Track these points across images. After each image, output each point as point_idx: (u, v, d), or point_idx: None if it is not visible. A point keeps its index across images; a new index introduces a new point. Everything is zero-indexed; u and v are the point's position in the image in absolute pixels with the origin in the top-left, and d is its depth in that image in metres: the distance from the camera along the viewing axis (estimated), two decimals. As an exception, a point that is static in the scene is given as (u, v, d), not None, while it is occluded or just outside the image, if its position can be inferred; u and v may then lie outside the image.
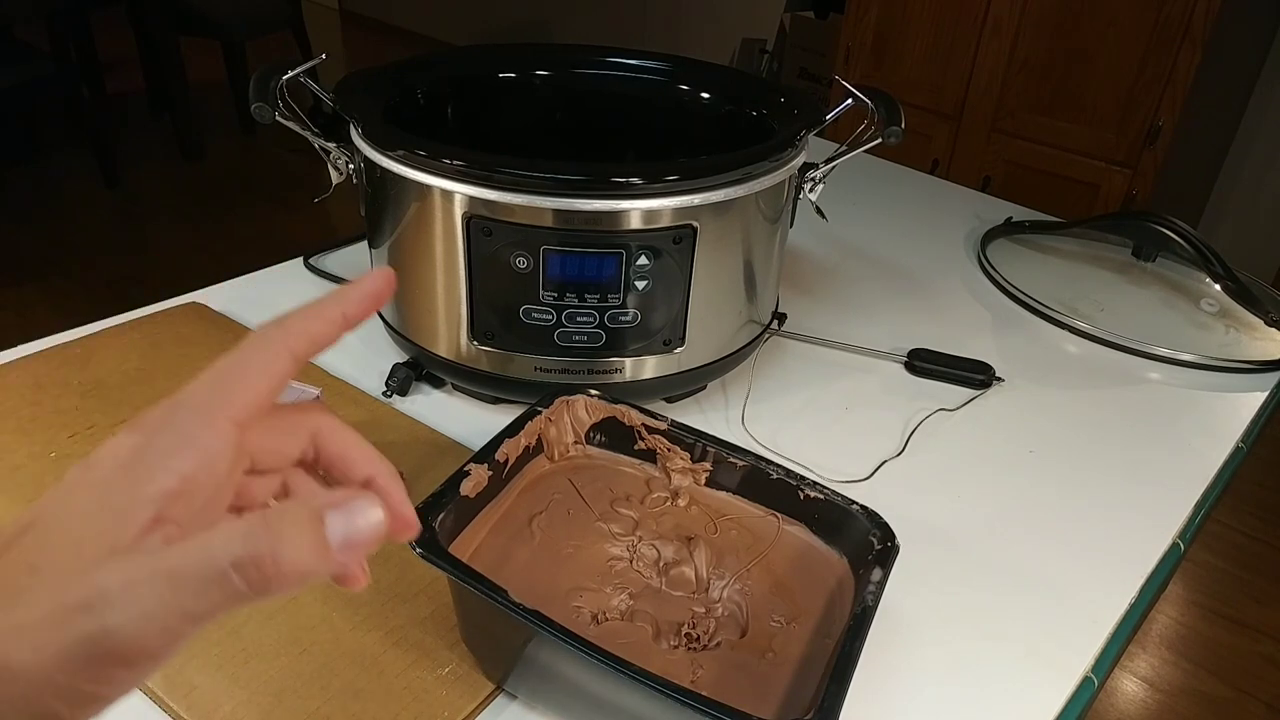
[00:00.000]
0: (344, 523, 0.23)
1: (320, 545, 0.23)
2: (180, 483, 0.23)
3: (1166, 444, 0.72)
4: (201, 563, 0.22)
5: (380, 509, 0.24)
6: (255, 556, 0.22)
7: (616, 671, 0.37)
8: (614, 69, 0.79)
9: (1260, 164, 2.34)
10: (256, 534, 0.22)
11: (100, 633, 0.21)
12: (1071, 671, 0.51)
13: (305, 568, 0.22)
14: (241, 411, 0.25)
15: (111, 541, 0.22)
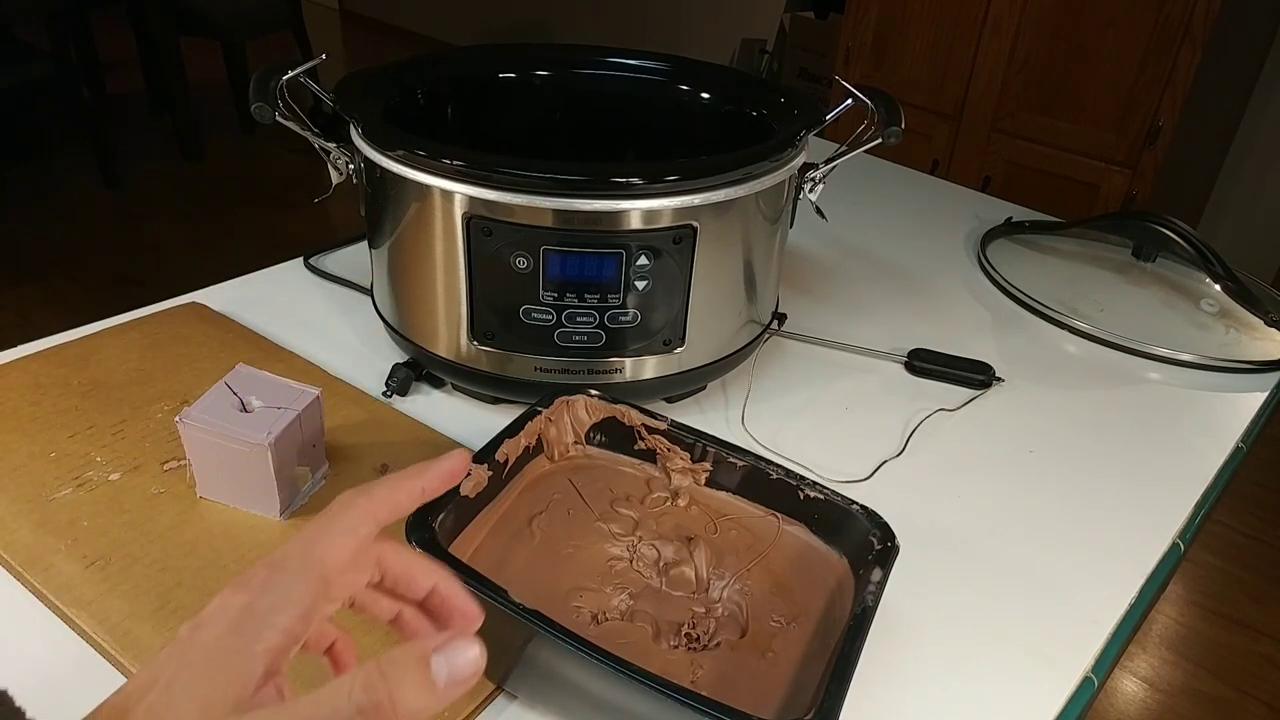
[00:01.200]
0: (446, 663, 0.26)
1: (429, 686, 0.25)
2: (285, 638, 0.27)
3: (1166, 444, 0.72)
4: (331, 713, 0.25)
5: (478, 646, 0.26)
6: (376, 704, 0.25)
7: (616, 671, 0.37)
8: (614, 69, 0.79)
9: (1260, 164, 2.34)
10: (375, 684, 0.25)
11: None
12: (1071, 671, 0.51)
13: (418, 707, 0.25)
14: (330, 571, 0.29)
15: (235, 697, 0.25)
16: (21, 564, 0.51)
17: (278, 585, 0.27)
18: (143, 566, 0.51)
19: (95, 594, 0.49)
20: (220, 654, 0.25)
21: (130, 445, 0.60)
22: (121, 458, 0.59)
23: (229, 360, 0.68)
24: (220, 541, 0.54)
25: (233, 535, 0.54)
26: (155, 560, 0.52)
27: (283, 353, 0.71)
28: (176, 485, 0.57)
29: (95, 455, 0.59)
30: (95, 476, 0.57)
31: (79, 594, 0.49)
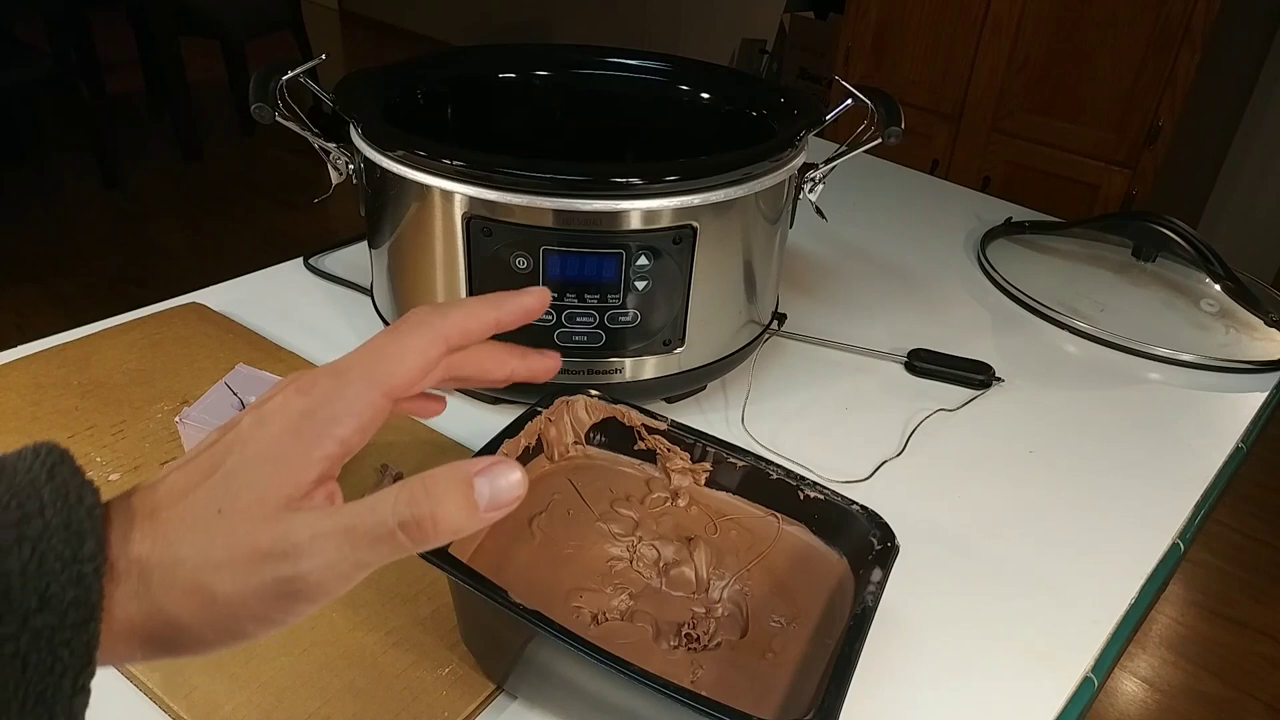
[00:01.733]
0: (489, 486, 0.27)
1: (471, 507, 0.26)
2: (341, 448, 0.27)
3: (1166, 444, 0.72)
4: (375, 523, 0.26)
5: (519, 471, 0.27)
6: (418, 518, 0.26)
7: (616, 672, 0.37)
8: (614, 69, 0.79)
9: (1260, 164, 2.34)
10: (419, 499, 0.26)
11: (293, 576, 0.25)
12: (1071, 671, 0.51)
13: (458, 526, 0.26)
14: (396, 390, 0.29)
15: (287, 495, 0.26)
16: (21, 564, 0.51)
17: (340, 396, 0.28)
18: (143, 566, 0.51)
19: (95, 594, 0.49)
20: (279, 452, 0.26)
21: (130, 445, 0.60)
22: (122, 458, 0.59)
23: (229, 360, 0.68)
24: (220, 541, 0.54)
25: (233, 535, 0.54)
26: (155, 560, 0.52)
27: (283, 353, 0.71)
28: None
29: (95, 455, 0.59)
30: (95, 477, 0.56)
31: (79, 594, 0.49)
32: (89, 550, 0.24)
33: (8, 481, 0.24)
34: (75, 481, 0.25)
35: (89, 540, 0.24)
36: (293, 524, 0.26)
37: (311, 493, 0.27)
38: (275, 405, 0.28)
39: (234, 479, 0.26)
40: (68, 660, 0.23)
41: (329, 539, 0.26)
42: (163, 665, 0.46)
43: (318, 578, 0.26)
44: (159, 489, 0.27)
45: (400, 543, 0.26)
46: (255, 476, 0.26)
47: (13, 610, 0.23)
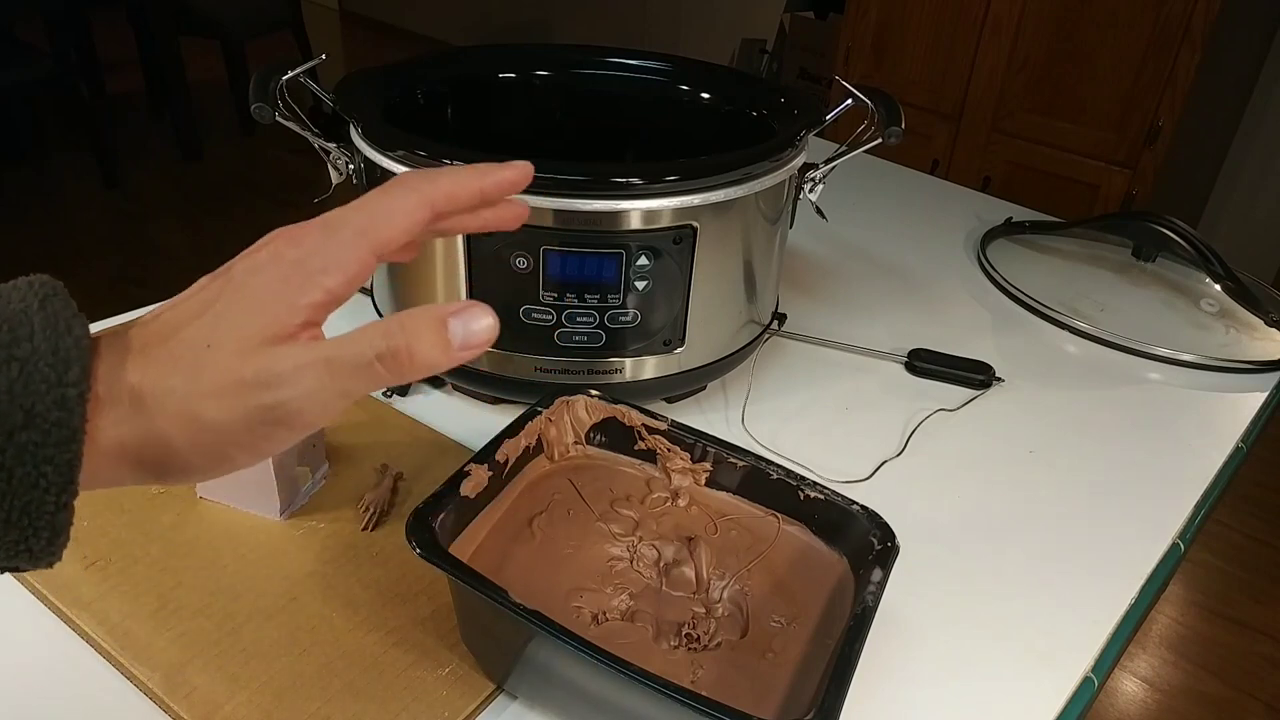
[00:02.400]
0: (462, 327, 0.28)
1: (445, 344, 0.28)
2: (328, 297, 0.29)
3: (1166, 444, 0.72)
4: (354, 354, 0.28)
5: (491, 317, 0.29)
6: (394, 350, 0.27)
7: (616, 672, 0.37)
8: (614, 69, 0.79)
9: (1260, 164, 2.34)
10: (395, 334, 0.28)
11: (275, 403, 0.27)
12: (1071, 671, 0.51)
13: (432, 361, 0.28)
14: (381, 246, 0.30)
15: (273, 333, 0.28)
16: (21, 564, 0.51)
17: (329, 250, 0.29)
18: (143, 566, 0.51)
19: (95, 594, 0.49)
20: (268, 297, 0.28)
21: (130, 445, 0.60)
22: (121, 458, 0.59)
23: (229, 360, 0.67)
24: (220, 541, 0.54)
25: (233, 535, 0.54)
26: (155, 560, 0.52)
27: (283, 353, 0.71)
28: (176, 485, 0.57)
29: (95, 455, 0.59)
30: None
31: (79, 594, 0.49)
32: (74, 376, 0.25)
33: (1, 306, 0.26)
34: (66, 313, 0.27)
35: (74, 367, 0.26)
36: (276, 355, 0.27)
37: (297, 334, 0.28)
38: (267, 255, 0.29)
39: (223, 318, 0.28)
40: (51, 477, 0.25)
41: (310, 369, 0.27)
42: (163, 665, 0.46)
43: (299, 405, 0.27)
44: (151, 326, 0.28)
45: (378, 373, 0.28)
46: (243, 316, 0.28)
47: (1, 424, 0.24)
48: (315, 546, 0.54)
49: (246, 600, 0.50)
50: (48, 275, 0.28)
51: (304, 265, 0.29)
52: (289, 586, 0.51)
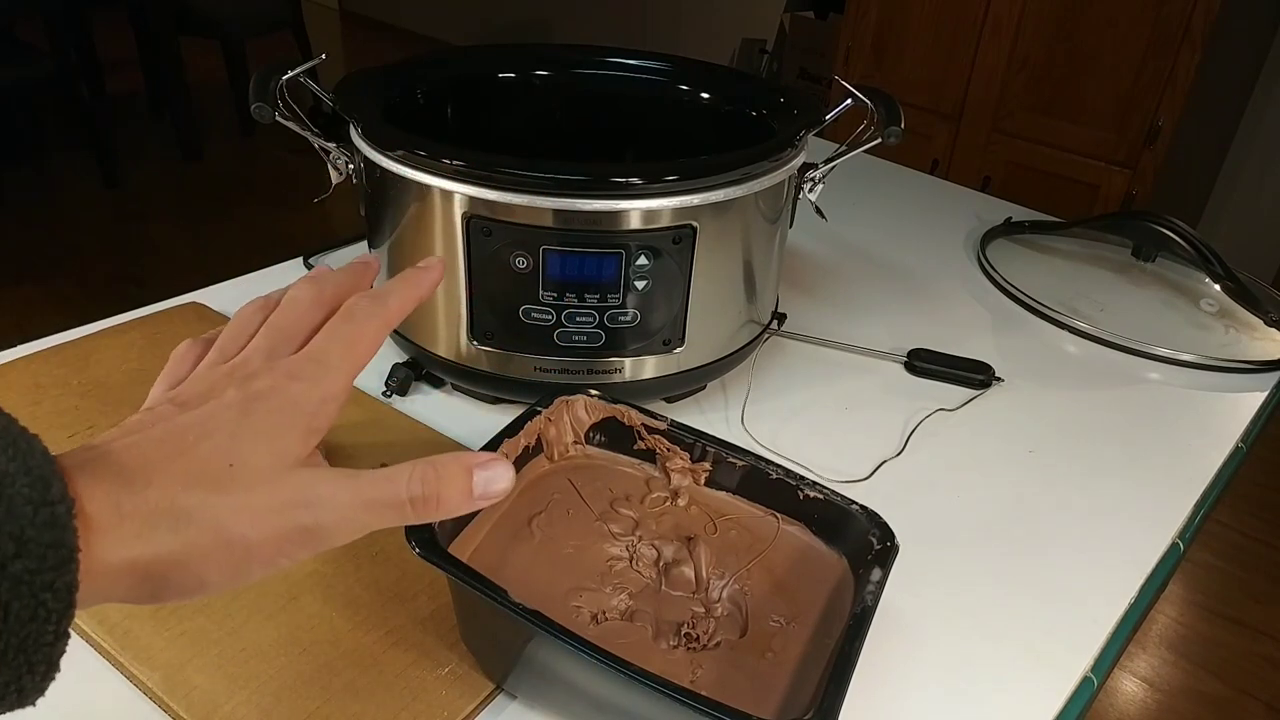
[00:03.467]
0: (484, 481, 0.31)
1: (467, 493, 0.31)
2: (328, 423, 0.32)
3: (1166, 444, 0.72)
4: (390, 493, 0.30)
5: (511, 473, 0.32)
6: (426, 496, 0.30)
7: (616, 671, 0.37)
8: (614, 69, 0.79)
9: (1260, 164, 2.34)
10: (430, 479, 0.30)
11: (312, 525, 0.29)
12: (1071, 671, 0.51)
13: (455, 507, 0.31)
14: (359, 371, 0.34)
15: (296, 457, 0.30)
16: (21, 564, 0.51)
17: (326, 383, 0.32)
18: (142, 566, 0.51)
19: (95, 594, 0.49)
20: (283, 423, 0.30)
21: (130, 445, 0.60)
22: (121, 458, 0.59)
23: (229, 360, 0.67)
24: (220, 541, 0.54)
25: (232, 535, 0.54)
26: (155, 560, 0.52)
27: (282, 353, 0.71)
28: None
29: (95, 455, 0.59)
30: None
31: (79, 594, 0.49)
32: (57, 493, 0.24)
33: None
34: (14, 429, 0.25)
35: (54, 484, 0.24)
36: (315, 479, 0.30)
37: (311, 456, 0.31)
38: (267, 386, 0.31)
39: (240, 440, 0.29)
40: (50, 604, 0.24)
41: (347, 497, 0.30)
42: (162, 665, 0.46)
43: (331, 528, 0.30)
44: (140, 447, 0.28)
45: (407, 514, 0.31)
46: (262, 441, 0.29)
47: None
48: (315, 546, 0.54)
49: (246, 600, 0.50)
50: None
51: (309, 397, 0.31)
52: (289, 586, 0.51)
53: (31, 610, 0.23)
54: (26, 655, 0.24)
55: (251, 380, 0.31)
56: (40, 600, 0.24)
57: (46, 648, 0.24)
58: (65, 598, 0.24)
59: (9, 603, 0.23)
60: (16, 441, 0.25)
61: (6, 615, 0.23)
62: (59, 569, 0.24)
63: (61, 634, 0.24)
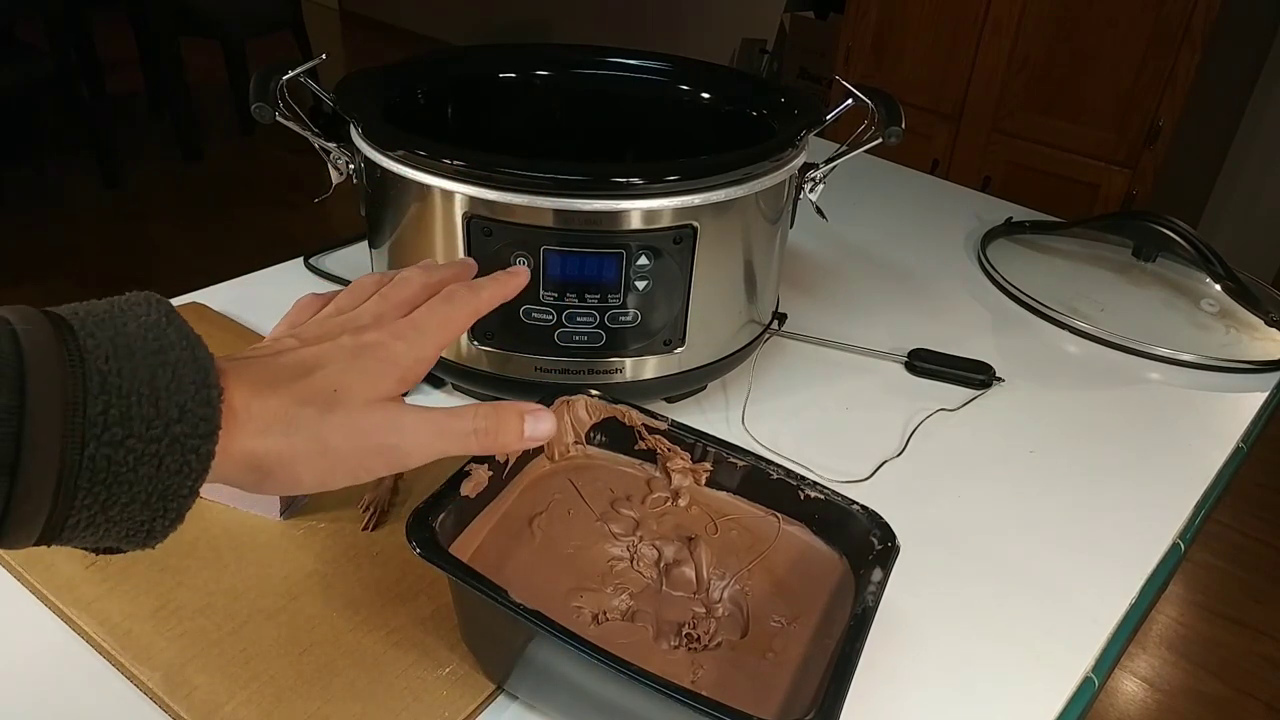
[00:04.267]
0: (533, 425, 0.38)
1: (520, 434, 0.38)
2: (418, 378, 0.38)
3: (1166, 444, 0.72)
4: (459, 425, 0.36)
5: (553, 421, 0.39)
6: (487, 429, 0.37)
7: (617, 672, 0.37)
8: (614, 69, 0.79)
9: (1260, 164, 2.34)
10: (490, 417, 0.37)
11: (394, 445, 0.35)
12: (1071, 671, 0.51)
13: (507, 443, 0.38)
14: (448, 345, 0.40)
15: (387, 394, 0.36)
16: (21, 564, 0.51)
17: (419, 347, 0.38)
18: (143, 566, 0.51)
19: (95, 594, 0.49)
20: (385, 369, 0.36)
21: (130, 445, 0.60)
22: (121, 458, 0.59)
23: (229, 360, 0.67)
24: (220, 541, 0.54)
25: (233, 535, 0.54)
26: (155, 560, 0.52)
27: (283, 353, 0.71)
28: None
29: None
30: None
31: (79, 594, 0.49)
32: (213, 380, 0.30)
33: (138, 318, 0.30)
34: (188, 329, 0.31)
35: (211, 373, 0.30)
36: (401, 410, 0.36)
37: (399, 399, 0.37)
38: (375, 340, 0.37)
39: (347, 374, 0.35)
40: (194, 465, 0.30)
41: (425, 426, 0.36)
42: (163, 665, 0.46)
43: (409, 449, 0.35)
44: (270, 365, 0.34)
45: (470, 444, 0.37)
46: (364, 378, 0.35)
47: (160, 416, 0.29)
48: (315, 546, 0.54)
49: (246, 600, 0.50)
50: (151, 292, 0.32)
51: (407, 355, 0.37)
52: (289, 586, 0.51)
53: (179, 465, 0.29)
54: (165, 502, 0.29)
55: (363, 332, 0.37)
56: (187, 460, 0.29)
57: (182, 499, 0.30)
58: (205, 462, 0.30)
59: (164, 456, 0.29)
60: (189, 336, 0.31)
61: (160, 465, 0.29)
62: (206, 438, 0.30)
63: (194, 491, 0.30)
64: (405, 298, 0.40)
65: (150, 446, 0.28)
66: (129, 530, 0.30)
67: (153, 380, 0.29)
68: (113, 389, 0.28)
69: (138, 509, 0.29)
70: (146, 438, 0.28)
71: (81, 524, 0.28)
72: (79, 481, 0.27)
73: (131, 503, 0.29)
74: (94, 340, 0.28)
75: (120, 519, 0.29)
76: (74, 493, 0.27)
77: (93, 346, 0.28)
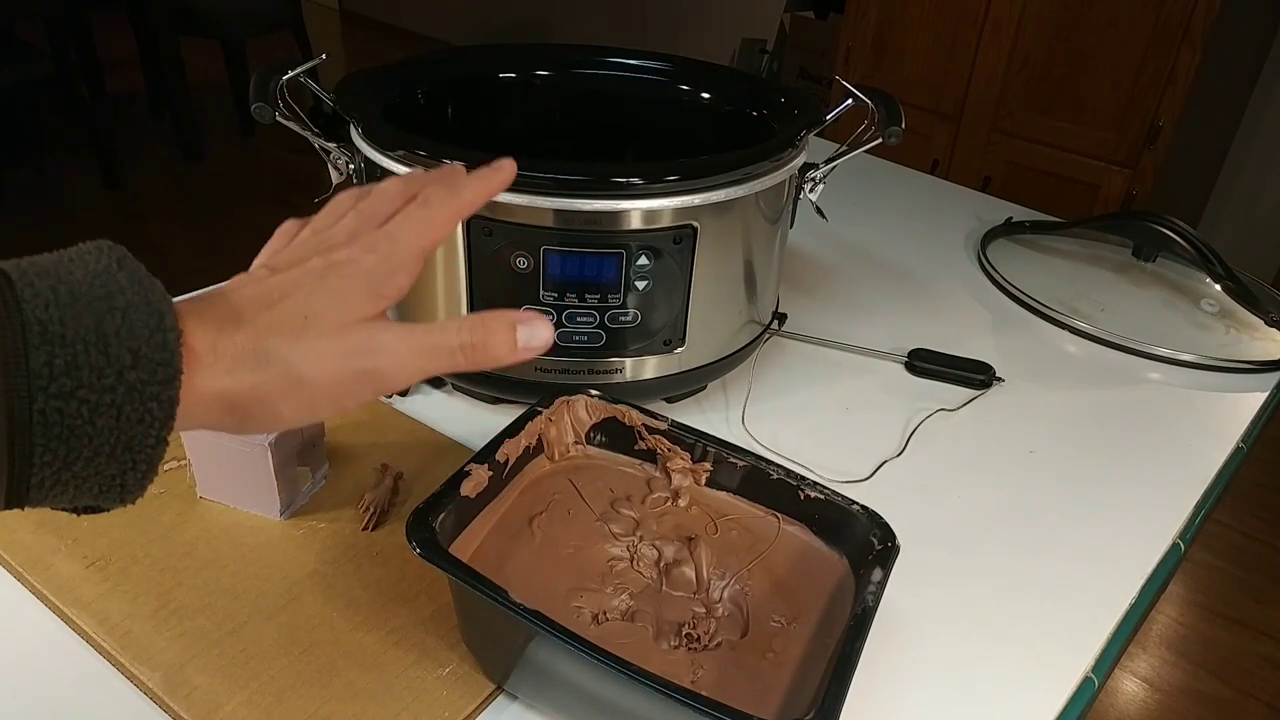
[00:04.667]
0: (527, 334, 0.35)
1: (511, 344, 0.35)
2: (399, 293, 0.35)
3: (1166, 444, 0.72)
4: (442, 340, 0.34)
5: (550, 329, 0.35)
6: (474, 343, 0.34)
7: (617, 672, 0.37)
8: (614, 69, 0.79)
9: (1260, 164, 2.34)
10: (477, 328, 0.34)
11: (373, 368, 0.33)
12: (1071, 671, 0.51)
13: (500, 355, 0.35)
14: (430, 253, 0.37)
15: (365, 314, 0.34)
16: (22, 564, 0.51)
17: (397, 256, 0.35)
18: (143, 566, 0.51)
19: (95, 594, 0.49)
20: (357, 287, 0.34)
21: (130, 445, 0.60)
22: (121, 458, 0.59)
23: (229, 360, 0.67)
24: (220, 541, 0.54)
25: (233, 535, 0.54)
26: (155, 560, 0.52)
27: (283, 353, 0.71)
28: (177, 485, 0.57)
29: (95, 455, 0.59)
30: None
31: (79, 594, 0.49)
32: (170, 322, 0.29)
33: (86, 266, 0.29)
34: (142, 273, 0.30)
35: (167, 315, 0.29)
36: (378, 329, 0.33)
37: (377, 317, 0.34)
38: (345, 257, 0.34)
39: (315, 297, 0.33)
40: (155, 412, 0.28)
41: (406, 344, 0.33)
42: (163, 665, 0.46)
43: (389, 369, 0.33)
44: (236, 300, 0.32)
45: (457, 360, 0.34)
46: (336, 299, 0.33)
47: (111, 364, 0.27)
48: (315, 546, 0.54)
49: (246, 600, 0.50)
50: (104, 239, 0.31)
51: (381, 268, 0.35)
52: (289, 586, 0.51)
53: (139, 414, 0.28)
54: (132, 453, 0.28)
55: (333, 251, 0.35)
56: (148, 407, 0.28)
57: (149, 449, 0.29)
58: (168, 409, 0.29)
59: (122, 405, 0.27)
60: (142, 280, 0.30)
61: (119, 415, 0.28)
62: (166, 384, 0.28)
63: (161, 440, 0.29)
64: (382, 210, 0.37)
65: (105, 396, 0.27)
66: (100, 486, 0.29)
67: (99, 326, 0.27)
68: (55, 338, 0.27)
69: (103, 462, 0.28)
70: (99, 387, 0.27)
71: (47, 482, 0.28)
72: (34, 438, 0.26)
73: (95, 456, 0.28)
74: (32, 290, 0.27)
75: (87, 474, 0.28)
76: (30, 450, 0.27)
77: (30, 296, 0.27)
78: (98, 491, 0.29)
